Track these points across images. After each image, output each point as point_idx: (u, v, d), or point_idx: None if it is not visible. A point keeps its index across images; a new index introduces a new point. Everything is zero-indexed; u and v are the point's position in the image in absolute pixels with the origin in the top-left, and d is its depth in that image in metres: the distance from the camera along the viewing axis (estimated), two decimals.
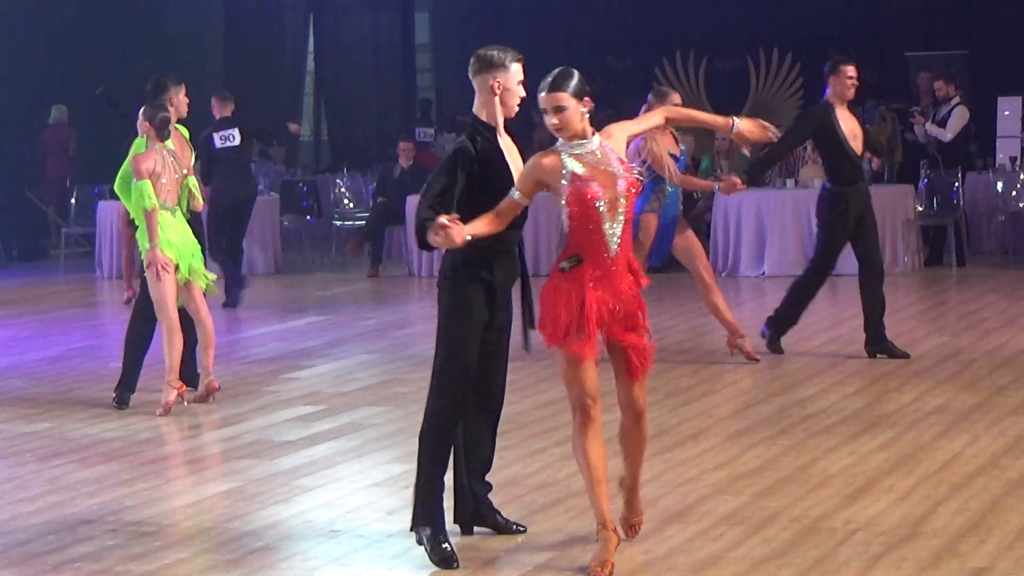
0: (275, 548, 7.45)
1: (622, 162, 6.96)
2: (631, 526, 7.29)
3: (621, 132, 7.12)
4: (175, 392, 10.69)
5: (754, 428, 9.80)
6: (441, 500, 7.21)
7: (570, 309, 6.85)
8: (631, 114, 9.37)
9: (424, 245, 6.95)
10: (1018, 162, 19.54)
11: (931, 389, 10.98)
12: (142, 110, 11.02)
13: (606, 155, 6.92)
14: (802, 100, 23.81)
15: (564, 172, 6.85)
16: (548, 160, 6.90)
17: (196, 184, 11.15)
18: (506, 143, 7.31)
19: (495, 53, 7.26)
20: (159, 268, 10.60)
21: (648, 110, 11.38)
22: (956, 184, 18.54)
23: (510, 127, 7.37)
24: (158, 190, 10.62)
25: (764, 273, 18.04)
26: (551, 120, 6.91)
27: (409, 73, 27.67)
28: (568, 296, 6.86)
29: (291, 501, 8.33)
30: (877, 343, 12.35)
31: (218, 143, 16.51)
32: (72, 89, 22.70)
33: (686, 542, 7.25)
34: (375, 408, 10.83)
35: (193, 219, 11.15)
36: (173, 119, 11.02)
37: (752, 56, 24.42)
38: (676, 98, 12.14)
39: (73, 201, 21.18)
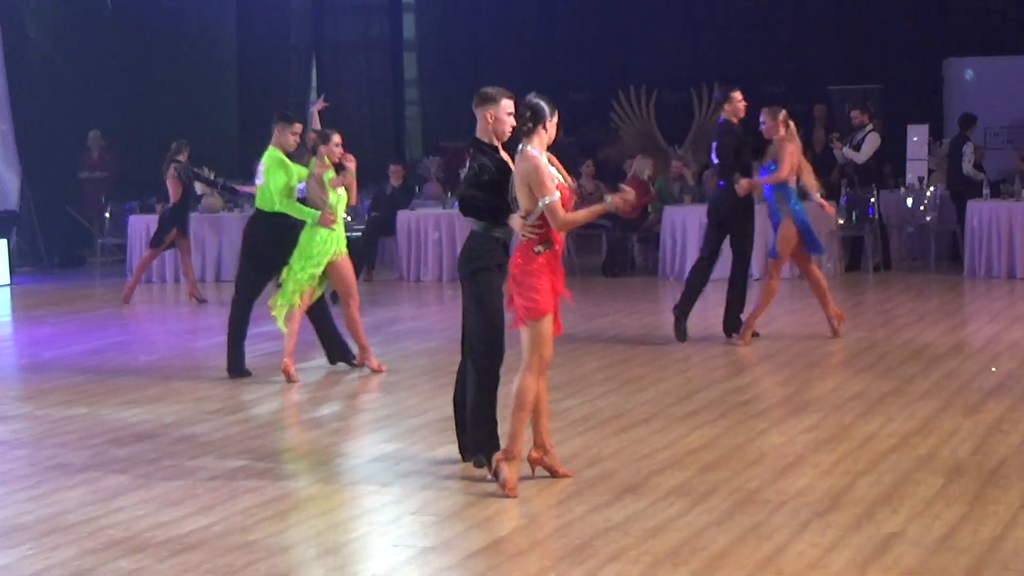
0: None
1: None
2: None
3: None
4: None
5: (698, 412, 9.80)
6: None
7: (547, 289, 7.47)
8: (592, 141, 9.56)
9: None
10: (924, 181, 19.60)
11: (851, 377, 11.00)
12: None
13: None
14: None
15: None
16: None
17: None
18: (505, 158, 7.85)
19: (489, 90, 7.91)
20: None
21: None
22: (872, 199, 18.56)
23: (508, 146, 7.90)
24: None
25: None
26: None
27: (399, 105, 27.59)
28: (544, 278, 7.47)
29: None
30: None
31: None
32: (105, 116, 22.65)
33: (640, 511, 7.24)
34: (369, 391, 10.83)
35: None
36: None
37: (695, 89, 24.47)
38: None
39: (107, 215, 21.02)
